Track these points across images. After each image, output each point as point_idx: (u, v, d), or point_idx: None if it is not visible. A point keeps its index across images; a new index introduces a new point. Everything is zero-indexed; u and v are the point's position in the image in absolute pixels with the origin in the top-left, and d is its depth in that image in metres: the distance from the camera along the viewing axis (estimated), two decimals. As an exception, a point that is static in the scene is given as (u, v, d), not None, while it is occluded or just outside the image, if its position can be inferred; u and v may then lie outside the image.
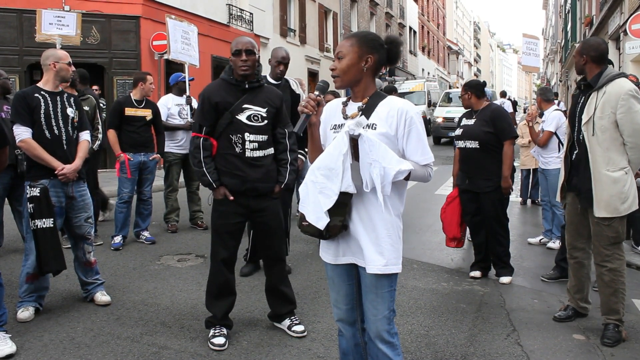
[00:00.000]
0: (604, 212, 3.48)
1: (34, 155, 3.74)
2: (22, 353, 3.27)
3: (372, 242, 2.25)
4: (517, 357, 3.36)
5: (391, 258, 2.25)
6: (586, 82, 3.61)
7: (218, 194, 3.40)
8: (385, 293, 2.31)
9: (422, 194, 9.29)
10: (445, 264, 5.44)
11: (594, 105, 3.49)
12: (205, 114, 3.39)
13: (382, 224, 2.25)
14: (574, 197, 3.74)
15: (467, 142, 4.80)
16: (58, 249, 3.74)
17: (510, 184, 4.75)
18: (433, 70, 45.63)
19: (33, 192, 3.66)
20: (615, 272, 3.56)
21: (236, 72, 3.41)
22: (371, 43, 2.31)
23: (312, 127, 2.35)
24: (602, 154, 3.47)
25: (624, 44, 11.64)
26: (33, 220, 3.63)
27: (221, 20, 16.27)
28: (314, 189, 2.23)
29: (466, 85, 4.98)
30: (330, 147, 2.22)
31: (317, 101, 2.28)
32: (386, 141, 2.20)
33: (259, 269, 4.95)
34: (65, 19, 6.40)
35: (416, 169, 2.24)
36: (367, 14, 30.37)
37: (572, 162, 3.72)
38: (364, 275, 2.32)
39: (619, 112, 3.40)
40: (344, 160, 2.15)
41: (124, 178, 5.76)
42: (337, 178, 2.16)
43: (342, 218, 2.24)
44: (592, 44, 3.62)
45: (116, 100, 6.27)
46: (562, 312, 3.95)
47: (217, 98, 3.37)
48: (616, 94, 3.42)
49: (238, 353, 3.32)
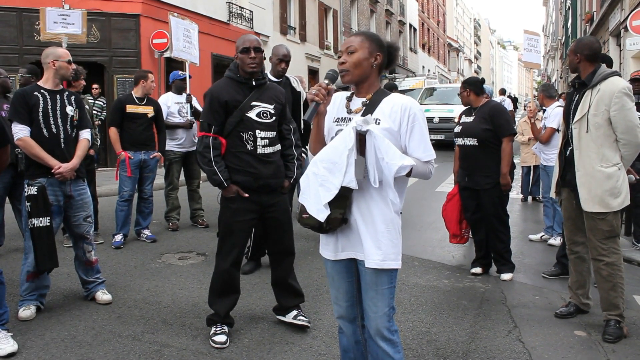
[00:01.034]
0: (598, 207, 3.54)
1: (32, 153, 3.74)
2: (23, 352, 3.27)
3: (370, 237, 2.26)
4: (519, 353, 3.36)
5: (389, 253, 2.26)
6: (580, 80, 3.65)
7: (230, 192, 3.39)
8: (385, 290, 2.31)
9: (424, 191, 9.28)
10: (446, 261, 5.44)
11: (588, 102, 3.56)
12: (214, 112, 3.38)
13: (382, 219, 2.25)
14: (569, 192, 3.77)
15: (465, 140, 4.80)
16: (53, 248, 3.75)
17: (509, 180, 4.75)
18: (433, 67, 45.59)
19: (31, 190, 3.66)
20: (613, 266, 3.58)
21: (243, 70, 3.41)
22: (379, 42, 2.35)
23: (319, 116, 2.36)
24: (596, 150, 3.53)
25: (625, 40, 11.63)
26: (30, 219, 3.64)
27: (221, 18, 16.25)
28: (315, 181, 2.23)
29: (465, 83, 4.98)
30: (335, 141, 2.22)
31: (328, 90, 2.28)
32: (389, 136, 2.21)
33: (260, 266, 4.95)
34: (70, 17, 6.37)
35: (418, 165, 2.24)
36: (367, 12, 30.33)
37: (566, 158, 3.76)
38: (364, 272, 2.33)
39: (613, 109, 3.47)
40: (348, 155, 2.15)
41: (125, 176, 5.76)
42: (339, 172, 2.17)
43: (342, 211, 2.24)
44: (585, 42, 3.68)
45: (117, 97, 6.26)
46: (564, 309, 3.95)
47: (226, 96, 3.37)
48: (610, 92, 3.48)
49: (239, 351, 3.32)
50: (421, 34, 43.08)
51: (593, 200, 3.55)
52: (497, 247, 4.84)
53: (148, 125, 5.88)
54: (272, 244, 3.68)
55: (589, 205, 3.56)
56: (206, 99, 3.46)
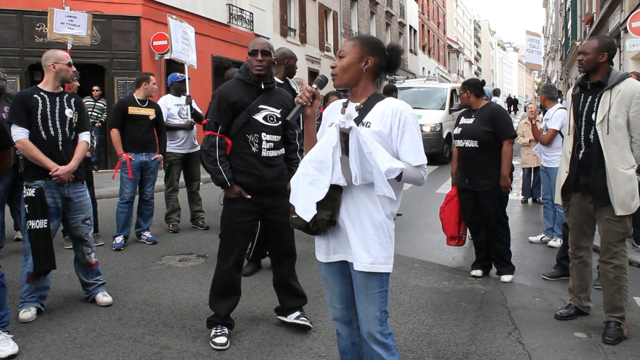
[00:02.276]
0: (620, 210, 3.49)
1: (30, 155, 3.75)
2: (24, 353, 3.28)
3: (359, 240, 2.26)
4: (519, 355, 3.36)
5: (378, 257, 2.25)
6: (593, 81, 3.58)
7: (232, 193, 3.40)
8: (376, 294, 2.30)
9: (423, 193, 9.28)
10: (446, 262, 5.44)
11: (608, 103, 3.48)
12: (222, 112, 3.39)
13: (370, 222, 2.25)
14: (581, 196, 3.71)
15: (466, 142, 4.80)
16: (50, 250, 3.76)
17: (509, 182, 4.75)
18: (433, 69, 45.59)
19: (29, 192, 3.68)
20: (621, 269, 3.58)
21: (251, 72, 3.42)
22: (373, 46, 2.34)
23: (306, 120, 2.38)
24: (617, 152, 3.48)
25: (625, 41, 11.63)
26: (27, 221, 3.65)
27: (221, 20, 16.26)
28: (304, 181, 2.25)
29: (465, 84, 4.98)
30: (321, 140, 2.24)
31: (313, 93, 2.30)
32: (379, 140, 2.21)
33: (260, 268, 4.95)
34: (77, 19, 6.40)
35: (409, 169, 2.23)
36: (368, 13, 30.36)
37: (579, 161, 3.68)
38: (355, 276, 2.33)
39: (633, 110, 3.44)
40: (333, 153, 2.17)
41: (126, 178, 5.77)
42: (327, 171, 2.18)
43: (330, 212, 2.25)
44: (610, 42, 3.62)
45: (119, 99, 6.27)
46: (564, 310, 3.95)
47: (235, 97, 3.39)
48: (631, 93, 3.44)
49: (240, 352, 3.33)
50: (421, 36, 43.10)
51: (617, 203, 3.50)
52: (497, 248, 4.84)
53: (149, 127, 5.89)
54: (273, 246, 3.69)
55: (618, 210, 3.50)
56: (214, 99, 3.48)
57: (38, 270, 3.73)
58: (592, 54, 3.56)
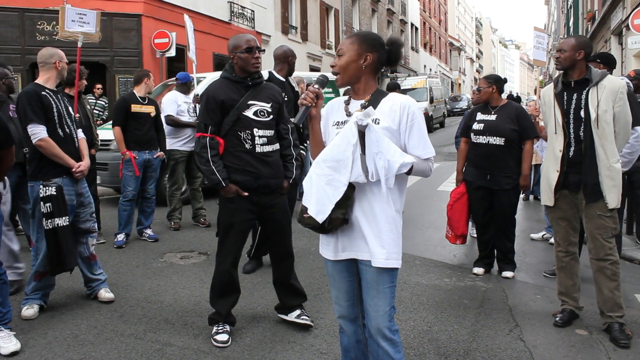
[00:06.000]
0: (613, 203, 3.54)
1: (52, 153, 3.72)
2: (26, 350, 3.29)
3: (375, 236, 2.26)
4: (520, 352, 3.36)
5: (392, 252, 2.27)
6: (577, 79, 3.63)
7: (228, 192, 3.38)
8: (387, 289, 2.31)
9: (425, 190, 9.28)
10: (447, 260, 5.44)
11: (597, 99, 3.53)
12: (210, 112, 3.38)
13: (384, 218, 2.26)
14: (568, 193, 3.72)
15: (490, 138, 4.73)
16: (74, 247, 3.82)
17: (529, 182, 4.76)
18: (435, 66, 45.56)
19: (49, 191, 3.65)
20: (617, 264, 3.60)
21: (246, 69, 3.40)
22: (371, 42, 2.33)
23: (312, 120, 2.37)
24: (608, 146, 3.54)
25: (627, 39, 11.62)
26: (52, 219, 3.64)
27: (222, 18, 16.27)
28: (318, 182, 2.24)
29: (490, 79, 4.90)
30: (337, 139, 2.23)
31: (316, 93, 2.30)
32: (389, 135, 2.23)
33: (262, 265, 4.96)
34: (87, 16, 6.41)
35: (418, 162, 2.25)
36: (369, 11, 30.33)
37: (569, 159, 3.67)
38: (365, 271, 2.33)
39: (617, 104, 3.52)
40: (353, 151, 2.17)
41: (129, 176, 5.77)
42: (345, 169, 2.18)
43: (344, 211, 2.25)
44: (586, 40, 3.72)
45: (120, 97, 6.28)
46: (560, 317, 3.82)
47: (223, 96, 3.38)
48: (615, 88, 3.52)
49: (241, 350, 3.33)
50: (423, 33, 43.06)
51: (610, 196, 3.54)
52: (504, 246, 4.84)
53: (151, 124, 5.90)
54: (272, 245, 3.69)
55: (612, 203, 3.53)
56: (202, 99, 3.47)
57: (68, 268, 3.75)
58: (570, 52, 3.63)
